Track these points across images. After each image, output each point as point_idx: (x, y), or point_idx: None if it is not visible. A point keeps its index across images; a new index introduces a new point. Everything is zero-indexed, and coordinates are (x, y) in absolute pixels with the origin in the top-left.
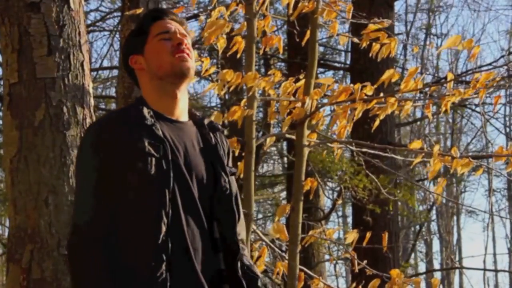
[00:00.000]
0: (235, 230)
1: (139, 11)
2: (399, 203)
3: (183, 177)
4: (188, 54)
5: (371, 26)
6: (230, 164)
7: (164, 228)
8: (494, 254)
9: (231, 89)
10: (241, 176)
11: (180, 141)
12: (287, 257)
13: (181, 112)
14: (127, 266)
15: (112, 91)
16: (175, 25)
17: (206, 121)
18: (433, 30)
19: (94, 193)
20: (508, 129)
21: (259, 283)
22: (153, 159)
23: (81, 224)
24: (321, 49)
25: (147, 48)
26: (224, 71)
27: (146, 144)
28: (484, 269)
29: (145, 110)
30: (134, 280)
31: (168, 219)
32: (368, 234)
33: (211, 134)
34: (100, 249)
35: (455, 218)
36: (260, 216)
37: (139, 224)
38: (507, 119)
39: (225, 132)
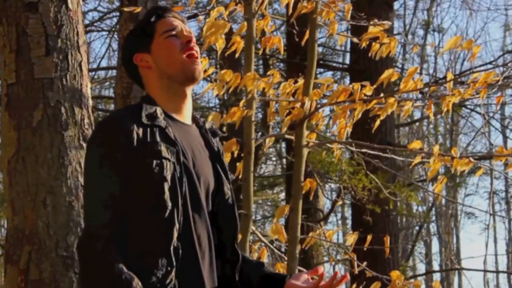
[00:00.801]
0: (236, 239)
1: (138, 9)
2: (399, 204)
3: (193, 182)
4: (197, 52)
5: (373, 30)
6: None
7: (176, 234)
8: (496, 255)
9: (230, 89)
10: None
11: (188, 145)
12: (286, 258)
13: (187, 114)
14: (137, 270)
15: (111, 92)
16: (179, 23)
17: (207, 125)
18: (431, 27)
19: (105, 195)
20: (506, 129)
21: (265, 266)
22: (168, 163)
23: (95, 225)
24: (320, 49)
25: (154, 46)
26: (223, 71)
27: (163, 147)
28: (484, 270)
29: (159, 111)
30: (143, 285)
31: (179, 225)
32: (369, 237)
33: (213, 139)
34: (115, 250)
35: (453, 218)
36: (259, 217)
37: (151, 228)
38: (507, 119)
39: (224, 133)
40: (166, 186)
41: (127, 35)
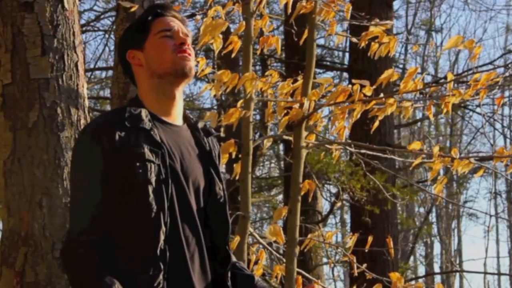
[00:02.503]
0: (227, 239)
1: (134, 8)
2: (399, 206)
3: (180, 184)
4: (189, 54)
5: (373, 30)
6: (223, 168)
7: (162, 237)
8: (498, 257)
9: (228, 90)
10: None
11: (176, 146)
12: (284, 260)
13: (177, 115)
14: (124, 274)
15: (107, 92)
16: (177, 23)
17: (200, 125)
18: (432, 26)
19: (90, 199)
20: (507, 130)
21: (255, 281)
22: (153, 166)
23: (77, 231)
24: (319, 49)
25: (147, 45)
26: (221, 71)
27: (146, 150)
28: (485, 273)
29: (143, 113)
30: None
31: (166, 227)
32: (370, 239)
33: (205, 139)
34: (97, 255)
35: (455, 220)
36: (257, 219)
37: (137, 232)
38: (506, 120)
39: (221, 134)
40: (150, 189)
41: (124, 30)
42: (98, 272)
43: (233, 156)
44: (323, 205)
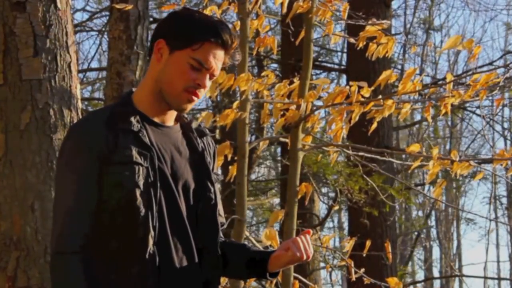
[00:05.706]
0: (217, 241)
1: (129, 7)
2: (397, 207)
3: (170, 187)
4: (198, 97)
5: (370, 29)
6: (216, 168)
7: (151, 241)
8: (498, 262)
9: (223, 91)
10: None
11: (166, 148)
12: None
13: (169, 117)
14: (113, 279)
15: (101, 93)
16: (218, 62)
17: (194, 125)
18: (431, 26)
19: (76, 202)
20: (507, 132)
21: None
22: (141, 168)
23: (64, 240)
24: (316, 49)
25: (176, 55)
26: None
27: (134, 152)
28: (485, 277)
29: (134, 114)
30: None
31: (155, 231)
32: (368, 243)
33: (199, 140)
34: (82, 265)
35: (455, 224)
36: (253, 222)
37: (124, 236)
38: (506, 121)
39: (217, 136)
40: (138, 192)
41: (174, 15)
42: (81, 283)
43: (229, 158)
44: (320, 208)
